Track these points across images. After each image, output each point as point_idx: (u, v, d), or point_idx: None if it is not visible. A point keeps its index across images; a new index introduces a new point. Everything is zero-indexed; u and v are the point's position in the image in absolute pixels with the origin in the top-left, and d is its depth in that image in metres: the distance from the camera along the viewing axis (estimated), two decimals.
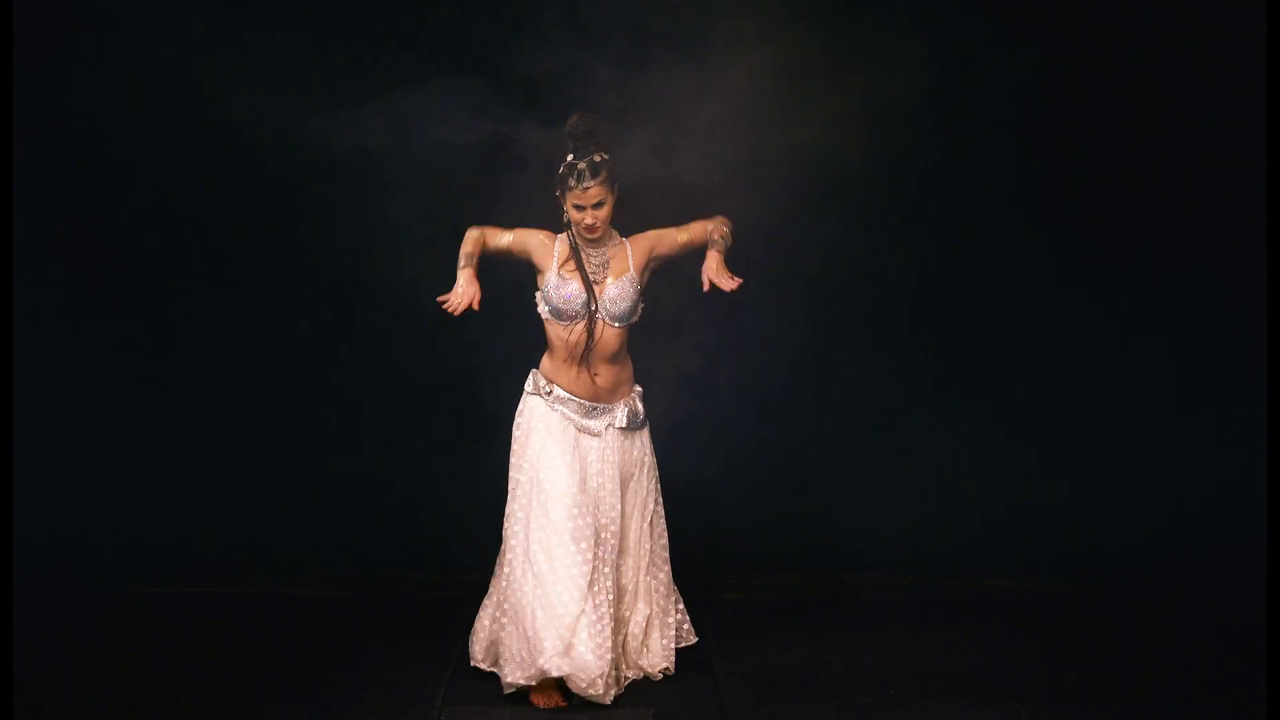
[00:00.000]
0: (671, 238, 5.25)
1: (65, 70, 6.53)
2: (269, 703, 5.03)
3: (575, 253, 5.13)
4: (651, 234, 5.25)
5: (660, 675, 5.30)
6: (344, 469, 6.82)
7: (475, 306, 5.09)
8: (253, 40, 6.41)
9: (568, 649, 4.93)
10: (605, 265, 5.16)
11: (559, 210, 5.14)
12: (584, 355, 5.14)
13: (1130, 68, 6.63)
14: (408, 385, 6.84)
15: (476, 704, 5.02)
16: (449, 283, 5.12)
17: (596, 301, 5.12)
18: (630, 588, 5.26)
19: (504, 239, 5.18)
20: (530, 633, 4.96)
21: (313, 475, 6.80)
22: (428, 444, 6.85)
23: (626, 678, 5.22)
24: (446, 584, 6.49)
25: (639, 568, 5.27)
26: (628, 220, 5.29)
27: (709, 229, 5.24)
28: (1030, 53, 6.57)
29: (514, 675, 5.00)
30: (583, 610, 4.97)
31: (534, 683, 4.99)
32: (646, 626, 5.30)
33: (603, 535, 5.13)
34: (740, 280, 5.12)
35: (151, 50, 6.44)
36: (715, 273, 5.13)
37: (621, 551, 5.22)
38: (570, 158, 5.06)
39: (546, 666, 4.93)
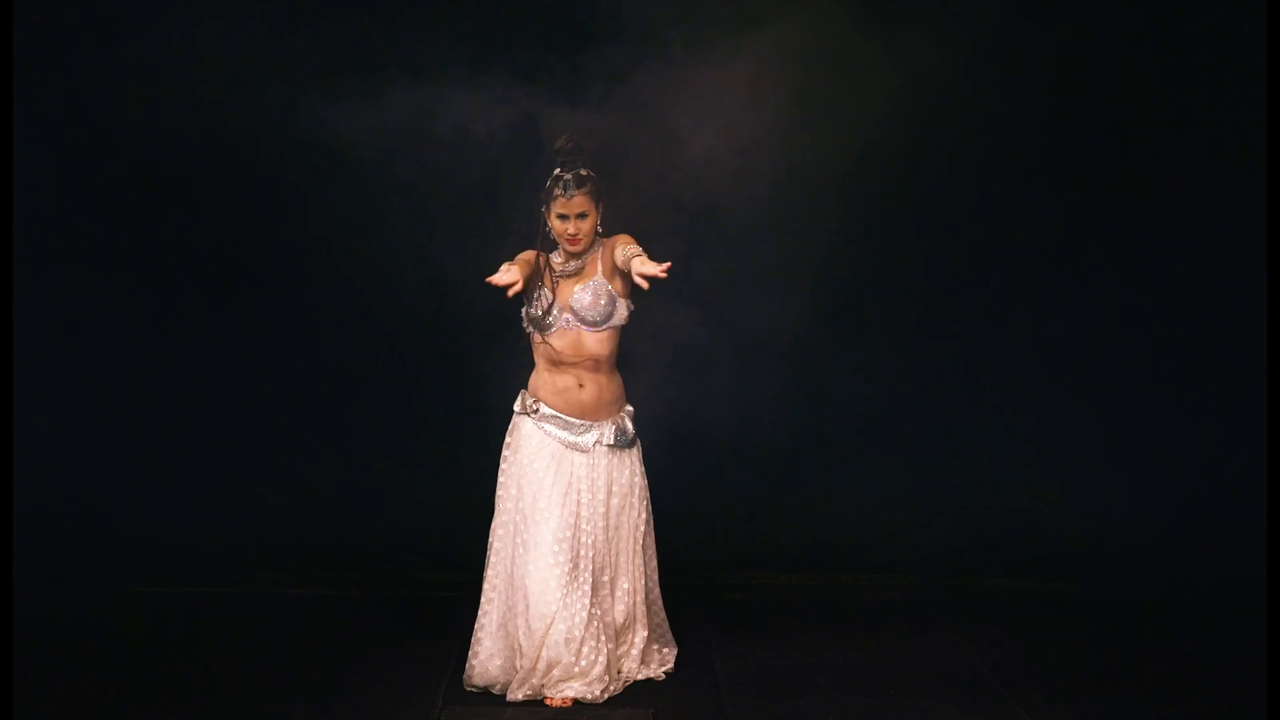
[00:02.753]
0: (613, 247, 5.10)
1: (73, 56, 6.52)
2: (269, 703, 5.02)
3: (550, 263, 5.16)
4: (615, 238, 5.14)
5: (662, 675, 5.31)
6: (345, 469, 6.82)
7: (509, 292, 4.88)
8: (267, 32, 6.40)
9: (550, 667, 4.99)
10: (579, 271, 5.15)
11: (543, 228, 5.13)
12: (554, 355, 5.11)
13: (1138, 70, 6.64)
14: (409, 385, 6.85)
15: (476, 704, 5.02)
16: (450, 285, 5.09)
17: (560, 305, 5.11)
18: (629, 611, 5.25)
19: (531, 257, 5.10)
20: (521, 652, 5.02)
21: (312, 475, 6.80)
22: (429, 443, 6.85)
23: (626, 681, 5.23)
24: (446, 584, 6.49)
25: (635, 590, 5.27)
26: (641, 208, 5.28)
27: (632, 255, 5.00)
28: (1043, 55, 6.59)
29: (514, 693, 5.03)
30: (568, 629, 5.00)
31: (535, 697, 5.04)
32: (645, 648, 5.31)
33: (588, 552, 5.11)
34: (667, 265, 4.85)
35: (164, 39, 6.43)
36: (643, 265, 4.88)
37: (617, 577, 5.22)
38: (557, 171, 5.12)
39: (540, 684, 5.01)
